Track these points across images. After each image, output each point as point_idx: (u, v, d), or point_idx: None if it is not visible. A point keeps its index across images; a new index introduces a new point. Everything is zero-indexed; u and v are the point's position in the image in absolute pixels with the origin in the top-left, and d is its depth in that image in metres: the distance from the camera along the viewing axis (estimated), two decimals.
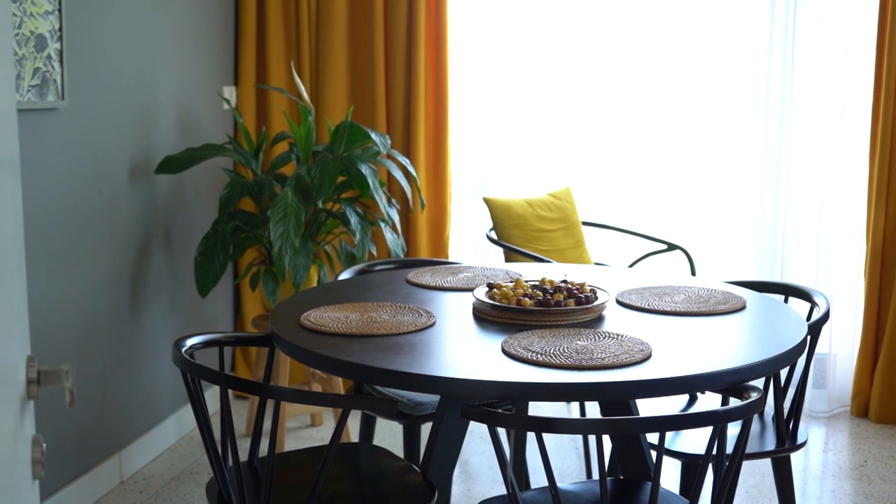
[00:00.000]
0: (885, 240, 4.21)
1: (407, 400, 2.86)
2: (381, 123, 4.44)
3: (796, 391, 2.79)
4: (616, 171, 4.63)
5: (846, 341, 4.41)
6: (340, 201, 3.88)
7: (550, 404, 4.29)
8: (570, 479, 3.70)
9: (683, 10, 4.46)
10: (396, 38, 4.41)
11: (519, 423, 1.94)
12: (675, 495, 2.34)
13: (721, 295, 2.72)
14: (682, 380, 2.11)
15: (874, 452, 3.98)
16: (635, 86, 4.54)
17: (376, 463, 2.56)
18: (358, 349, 2.26)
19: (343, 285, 2.92)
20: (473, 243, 4.74)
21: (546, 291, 2.56)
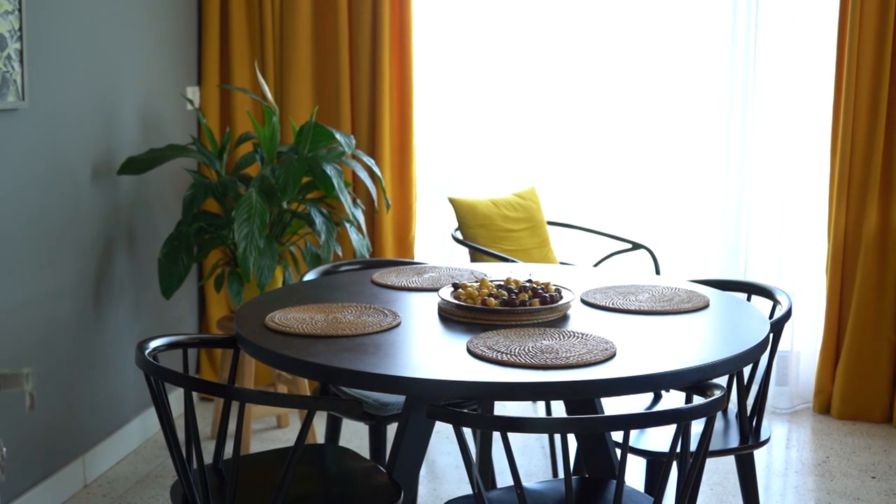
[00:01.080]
0: (846, 238, 4.26)
1: (372, 400, 2.86)
2: (346, 124, 4.43)
3: (759, 389, 2.81)
4: (581, 171, 4.65)
5: (809, 339, 4.45)
6: (305, 202, 3.87)
7: (516, 404, 4.30)
8: (536, 478, 3.71)
9: (646, 10, 4.49)
10: (361, 39, 4.41)
11: (484, 423, 1.94)
12: (640, 493, 2.35)
13: (685, 294, 2.74)
14: (646, 378, 2.12)
15: (836, 448, 4.03)
16: (599, 87, 4.56)
17: (342, 464, 2.56)
18: (323, 350, 2.26)
19: (308, 286, 2.91)
20: (439, 243, 4.75)
21: (511, 291, 2.57)
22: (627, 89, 4.55)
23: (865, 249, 4.20)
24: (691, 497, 2.10)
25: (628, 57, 4.53)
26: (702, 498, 3.55)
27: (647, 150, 4.59)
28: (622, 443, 1.93)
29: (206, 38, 4.40)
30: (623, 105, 4.57)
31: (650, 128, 4.57)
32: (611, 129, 4.60)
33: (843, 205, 4.22)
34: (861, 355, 4.26)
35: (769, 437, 2.79)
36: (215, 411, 4.03)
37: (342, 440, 3.84)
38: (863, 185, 4.19)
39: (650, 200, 4.61)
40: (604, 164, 4.62)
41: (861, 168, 4.19)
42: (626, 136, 4.59)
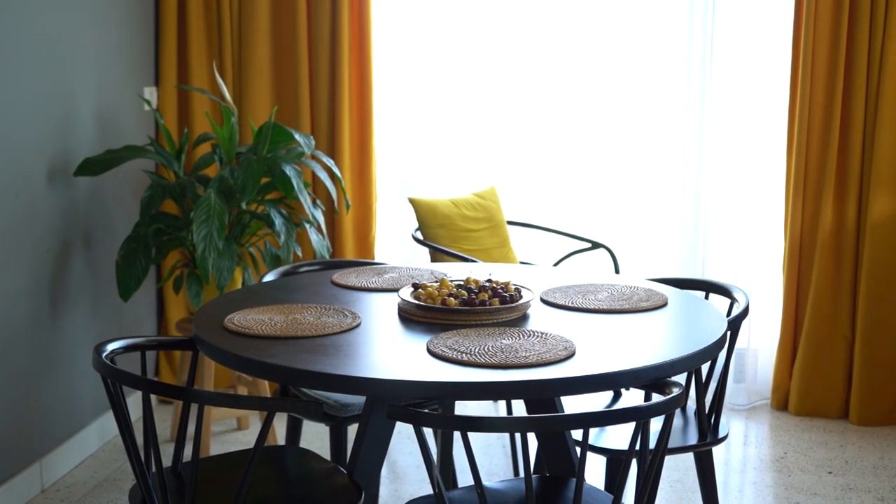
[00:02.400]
0: (803, 236, 4.30)
1: (333, 401, 2.85)
2: (306, 124, 4.42)
3: (717, 386, 2.84)
4: (541, 171, 4.66)
5: (766, 336, 4.50)
6: (265, 203, 3.85)
7: (478, 403, 4.31)
8: (497, 478, 3.72)
9: (604, 11, 4.51)
10: (320, 38, 4.39)
11: (444, 423, 1.94)
12: (599, 491, 2.37)
13: (643, 292, 2.76)
14: (605, 377, 2.13)
15: (794, 444, 4.07)
16: (558, 86, 4.58)
17: (303, 465, 2.55)
18: (283, 351, 2.25)
19: (267, 287, 2.90)
20: (399, 243, 4.74)
21: (471, 291, 2.58)
22: (586, 90, 4.57)
23: (821, 247, 4.25)
24: (650, 494, 2.11)
25: (586, 57, 4.55)
26: (661, 495, 3.57)
27: (605, 150, 4.62)
28: (581, 441, 1.94)
29: (163, 38, 4.37)
30: (582, 105, 4.59)
31: (609, 128, 4.60)
32: (570, 128, 4.62)
33: (798, 203, 4.27)
34: (817, 352, 4.31)
35: (727, 433, 2.82)
36: (174, 414, 4.00)
37: (303, 441, 3.82)
38: (818, 184, 4.24)
39: (609, 200, 4.64)
40: (563, 164, 4.64)
41: (816, 167, 4.24)
42: (585, 136, 4.62)
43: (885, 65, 4.09)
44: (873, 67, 4.13)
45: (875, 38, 4.10)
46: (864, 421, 4.26)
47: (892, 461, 3.89)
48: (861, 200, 4.23)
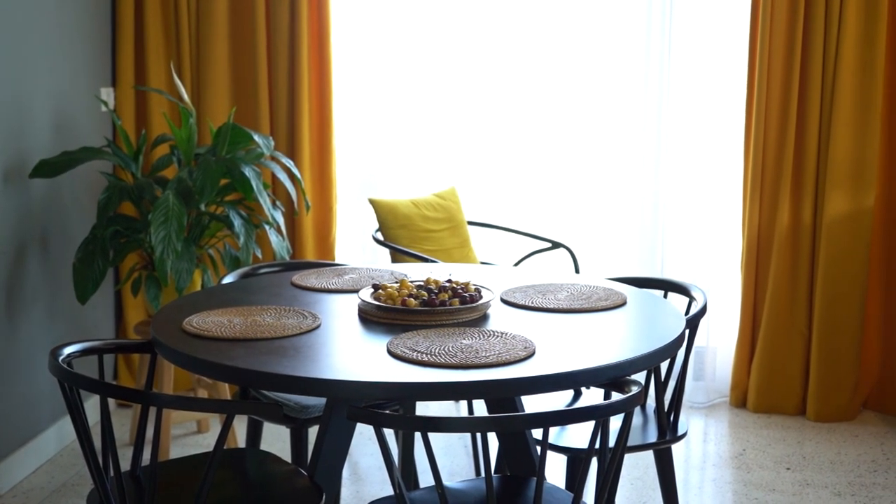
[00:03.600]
0: (760, 235, 4.35)
1: (293, 403, 2.84)
2: (265, 125, 4.40)
3: (676, 384, 2.86)
4: (501, 171, 4.67)
5: (725, 334, 4.54)
6: (224, 204, 3.83)
7: (439, 403, 4.31)
8: (459, 478, 3.72)
9: (563, 11, 4.53)
10: (279, 38, 4.37)
11: (404, 424, 1.94)
12: (560, 490, 2.37)
13: (602, 291, 2.78)
14: (564, 376, 2.14)
15: (752, 441, 4.11)
16: (518, 86, 4.60)
17: (263, 468, 2.54)
18: (242, 353, 2.24)
19: (227, 289, 2.88)
20: (360, 244, 4.73)
21: (431, 291, 2.58)
22: (545, 90, 4.59)
23: (778, 246, 4.29)
24: (610, 492, 2.12)
25: (546, 57, 4.57)
26: (622, 493, 3.60)
27: (565, 150, 4.64)
28: (541, 440, 1.95)
29: (120, 38, 4.33)
30: (541, 105, 4.61)
31: (568, 128, 4.62)
32: (529, 129, 4.63)
33: (756, 202, 4.31)
34: (775, 350, 4.36)
35: (686, 431, 2.84)
36: (133, 417, 3.97)
37: (263, 444, 3.81)
38: (775, 183, 4.29)
39: (569, 200, 4.66)
40: (523, 164, 4.66)
41: (773, 166, 4.28)
42: (544, 136, 4.63)
43: (839, 65, 4.14)
44: (828, 68, 4.18)
45: (830, 39, 4.15)
46: (821, 417, 4.31)
47: (849, 457, 3.94)
48: (817, 199, 4.28)
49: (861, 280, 4.25)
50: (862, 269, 4.25)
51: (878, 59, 4.13)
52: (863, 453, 3.98)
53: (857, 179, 4.20)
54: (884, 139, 4.26)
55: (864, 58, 4.14)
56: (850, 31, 4.12)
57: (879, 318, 4.38)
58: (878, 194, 4.27)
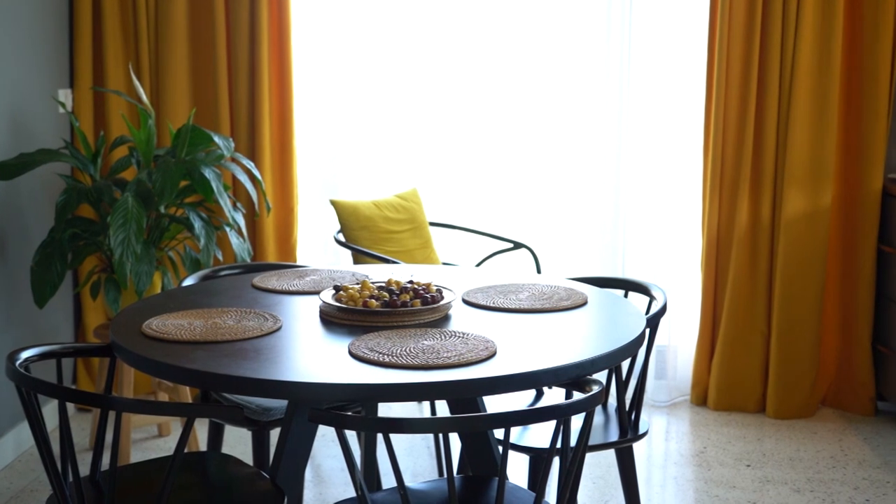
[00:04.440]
0: (720, 234, 4.38)
1: (255, 406, 2.83)
2: (225, 126, 4.38)
3: (637, 383, 2.88)
4: (462, 172, 4.68)
5: (685, 333, 4.57)
6: (184, 206, 3.80)
7: (402, 404, 4.31)
8: (422, 478, 3.72)
9: (524, 11, 4.54)
10: (239, 39, 4.35)
11: (366, 425, 1.94)
12: (522, 489, 2.38)
13: (564, 291, 2.79)
14: (526, 376, 2.15)
15: (713, 439, 4.14)
16: (479, 88, 4.60)
17: (225, 471, 2.52)
18: (202, 356, 2.22)
19: (187, 291, 2.87)
20: (322, 246, 4.72)
21: (392, 292, 2.57)
22: (506, 91, 4.60)
23: (737, 245, 4.33)
24: (572, 491, 2.13)
25: (507, 58, 4.58)
26: (585, 492, 3.61)
27: (526, 151, 4.65)
28: (503, 440, 1.96)
29: (78, 39, 4.29)
30: (502, 107, 4.62)
31: (529, 129, 4.63)
32: (491, 130, 4.64)
33: (715, 202, 4.34)
34: (735, 348, 4.39)
35: (647, 430, 2.86)
36: (93, 422, 3.93)
37: (225, 447, 3.79)
38: (734, 183, 4.32)
39: (531, 200, 4.67)
40: (485, 165, 4.67)
41: (732, 166, 4.32)
42: (505, 137, 4.64)
43: (796, 66, 4.19)
44: (786, 68, 4.22)
45: (787, 40, 4.20)
46: (781, 414, 4.36)
47: (808, 453, 3.98)
48: (775, 198, 4.32)
49: (819, 278, 4.30)
50: (819, 268, 4.30)
51: (835, 60, 4.18)
52: (821, 450, 4.02)
53: (814, 179, 4.25)
54: (840, 139, 4.31)
55: (820, 58, 4.19)
56: (806, 33, 4.16)
57: (837, 315, 4.44)
58: (834, 194, 4.32)
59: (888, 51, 4.18)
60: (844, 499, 3.57)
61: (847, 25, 4.24)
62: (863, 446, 4.05)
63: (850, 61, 4.27)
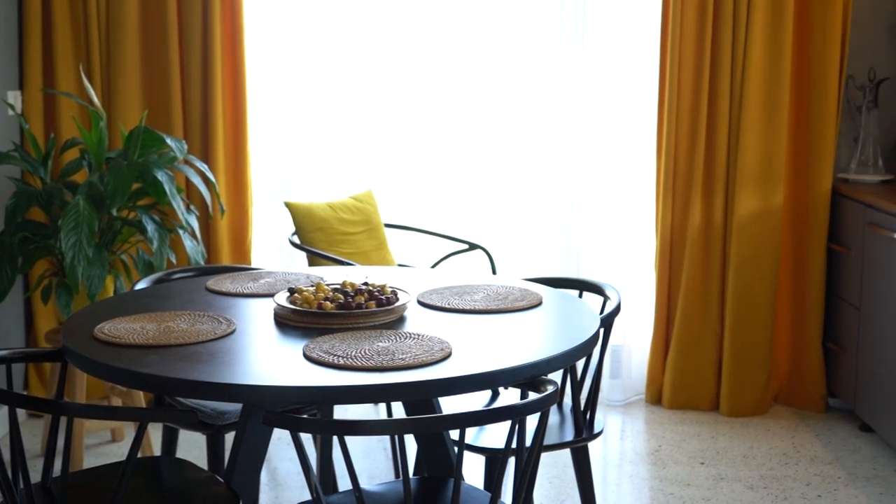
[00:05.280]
0: (673, 234, 4.42)
1: (209, 410, 2.81)
2: (178, 128, 4.34)
3: (592, 382, 2.89)
4: (417, 173, 4.68)
5: (640, 332, 4.60)
6: (136, 209, 3.77)
7: (358, 406, 4.30)
8: (379, 480, 3.71)
9: (478, 12, 4.55)
10: (191, 41, 4.32)
11: (320, 428, 1.93)
12: (478, 490, 2.39)
13: (519, 292, 2.80)
14: (481, 376, 2.15)
15: (668, 437, 4.18)
16: (433, 88, 4.61)
17: (179, 476, 2.50)
18: (155, 360, 2.20)
19: (140, 295, 2.84)
20: (277, 248, 4.70)
21: (347, 294, 2.57)
22: (460, 92, 4.61)
23: (691, 245, 4.37)
24: (527, 491, 2.14)
25: (461, 60, 4.59)
26: (541, 491, 3.62)
27: (481, 152, 4.66)
28: (458, 441, 1.96)
29: (27, 40, 4.23)
30: (457, 107, 4.62)
31: (484, 130, 4.64)
32: (446, 131, 4.65)
33: (668, 203, 4.38)
34: (689, 347, 4.43)
35: (602, 429, 2.88)
36: (45, 428, 3.89)
37: (179, 451, 3.75)
38: (687, 184, 4.36)
39: (486, 201, 4.68)
40: (440, 166, 4.67)
41: (685, 167, 4.36)
42: (460, 138, 4.65)
43: (747, 67, 4.23)
44: (736, 71, 4.27)
45: (738, 42, 4.24)
46: (734, 412, 4.40)
47: (761, 450, 4.02)
48: (728, 199, 4.36)
49: (771, 278, 4.35)
50: (771, 268, 4.35)
51: (785, 63, 4.23)
52: (774, 447, 4.07)
53: (765, 180, 4.30)
54: (790, 140, 4.36)
55: (771, 62, 4.24)
56: (757, 36, 4.21)
57: (788, 314, 4.49)
58: (785, 194, 4.38)
59: (837, 53, 4.24)
60: (797, 495, 3.62)
61: (796, 29, 4.29)
62: (815, 443, 4.10)
63: (800, 64, 4.33)
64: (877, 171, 4.37)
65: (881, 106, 4.41)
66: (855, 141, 4.44)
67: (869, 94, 4.36)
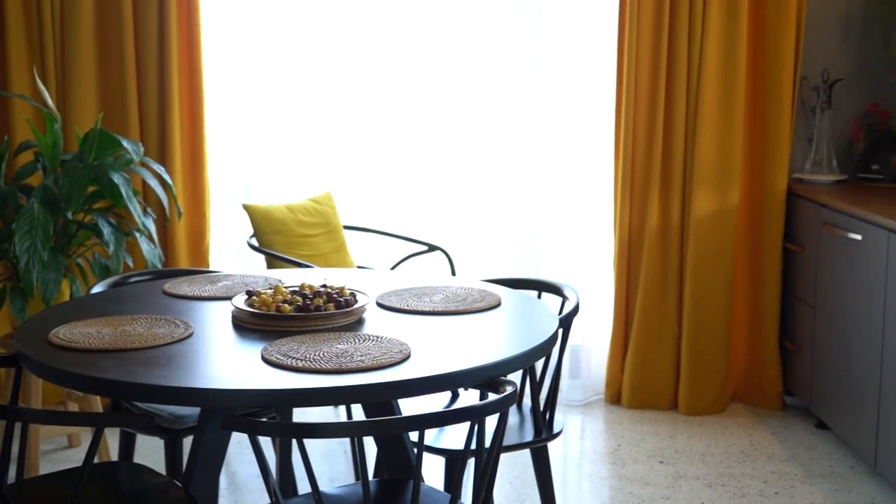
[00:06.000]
0: (631, 234, 4.45)
1: (167, 414, 2.79)
2: (134, 130, 4.30)
3: (551, 383, 2.91)
4: (376, 175, 4.67)
5: (599, 332, 4.62)
6: (92, 212, 3.73)
7: (318, 409, 4.28)
8: (339, 483, 3.70)
9: (436, 15, 4.56)
10: (147, 42, 4.28)
11: (279, 431, 1.93)
12: (438, 491, 2.39)
13: (478, 293, 2.80)
14: (440, 378, 2.15)
15: (627, 436, 4.20)
16: (392, 90, 4.60)
17: (137, 481, 2.48)
18: (112, 364, 2.18)
19: (96, 299, 2.81)
20: (235, 251, 4.67)
21: (305, 297, 2.56)
22: (419, 93, 4.61)
23: (648, 245, 4.40)
24: (487, 492, 2.14)
25: (419, 61, 4.59)
26: (502, 492, 3.63)
27: (440, 154, 4.66)
28: (417, 442, 1.96)
29: None
30: (415, 109, 4.62)
31: (442, 131, 4.64)
32: (404, 132, 4.64)
33: (626, 203, 4.41)
34: (647, 346, 4.46)
35: (562, 429, 2.89)
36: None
37: (137, 456, 3.72)
38: (644, 184, 4.39)
39: (445, 202, 4.69)
40: (399, 168, 4.67)
41: (642, 168, 4.38)
42: (419, 139, 4.65)
43: (703, 71, 4.27)
44: (692, 73, 4.30)
45: (693, 46, 4.28)
46: (692, 411, 4.43)
47: (719, 448, 4.06)
48: (685, 199, 4.40)
49: (727, 277, 4.39)
50: (728, 267, 4.39)
51: (740, 64, 4.27)
52: (732, 444, 4.10)
53: (721, 180, 4.34)
54: (746, 141, 4.41)
55: (726, 63, 4.28)
56: (712, 37, 4.25)
57: (745, 313, 4.53)
58: (741, 194, 4.42)
59: (791, 55, 4.28)
60: (754, 492, 3.65)
61: (751, 31, 4.34)
62: (771, 440, 4.14)
63: (755, 66, 4.37)
64: (831, 171, 4.43)
65: (835, 107, 4.47)
66: (809, 141, 4.49)
67: (823, 95, 4.42)
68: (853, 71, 4.50)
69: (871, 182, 4.32)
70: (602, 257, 4.60)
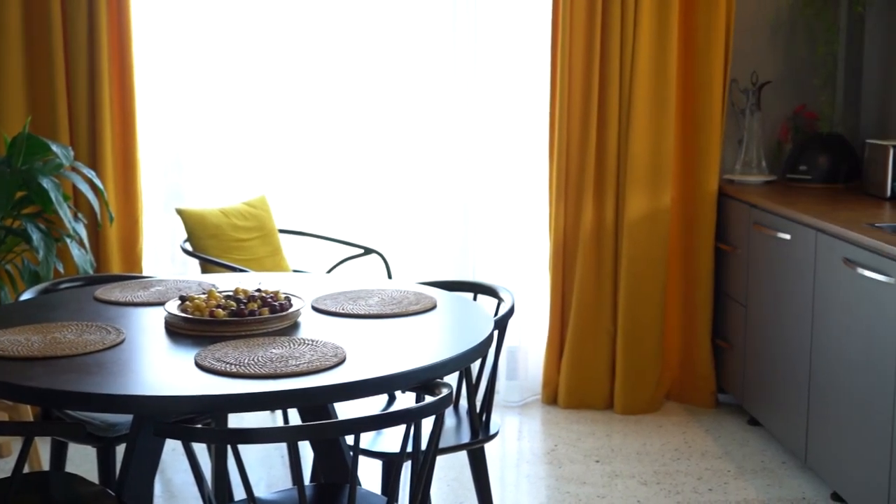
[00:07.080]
0: (566, 235, 4.48)
1: (99, 422, 2.75)
2: (64, 134, 4.23)
3: (487, 384, 2.92)
4: (311, 178, 4.65)
5: (535, 334, 4.65)
6: (21, 217, 3.67)
7: (254, 414, 4.25)
8: (276, 488, 3.68)
9: (371, 16, 4.55)
10: (77, 45, 4.21)
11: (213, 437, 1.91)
12: (374, 495, 2.39)
13: (413, 296, 2.80)
14: (376, 381, 2.15)
15: (563, 437, 4.23)
16: (325, 92, 4.59)
17: (68, 490, 2.44)
18: (41, 372, 2.15)
19: (25, 306, 2.77)
20: (169, 256, 4.62)
21: (240, 301, 2.54)
22: (352, 95, 4.60)
23: (583, 246, 4.43)
24: (423, 493, 2.15)
25: (352, 62, 4.58)
26: (439, 494, 3.64)
27: (374, 156, 4.66)
28: (353, 446, 1.96)
29: None
30: (349, 111, 4.61)
31: (377, 133, 4.64)
32: (339, 135, 4.63)
33: (561, 204, 4.44)
34: (583, 347, 4.50)
35: (498, 430, 2.90)
36: None
37: (69, 465, 3.67)
38: (579, 185, 4.43)
39: (380, 205, 4.68)
40: (333, 171, 4.65)
41: (577, 170, 4.42)
42: (353, 142, 4.64)
43: (635, 73, 4.31)
44: (625, 75, 4.35)
45: (626, 48, 4.32)
46: (628, 410, 4.48)
47: (654, 447, 4.11)
48: (618, 201, 4.44)
49: (661, 277, 4.44)
50: (661, 267, 4.44)
51: (671, 67, 4.33)
52: (666, 442, 4.15)
53: (654, 181, 4.39)
54: (678, 142, 4.47)
55: (657, 66, 4.33)
56: (644, 40, 4.30)
57: (679, 312, 4.59)
58: (674, 195, 4.47)
59: (720, 58, 4.35)
60: (689, 489, 3.70)
61: (682, 34, 4.39)
62: (705, 438, 4.20)
63: (686, 68, 4.43)
64: (760, 172, 4.51)
65: (764, 108, 4.54)
66: (739, 143, 4.57)
67: (752, 97, 4.49)
68: (781, 73, 4.59)
69: (800, 182, 4.40)
70: (537, 259, 4.62)
